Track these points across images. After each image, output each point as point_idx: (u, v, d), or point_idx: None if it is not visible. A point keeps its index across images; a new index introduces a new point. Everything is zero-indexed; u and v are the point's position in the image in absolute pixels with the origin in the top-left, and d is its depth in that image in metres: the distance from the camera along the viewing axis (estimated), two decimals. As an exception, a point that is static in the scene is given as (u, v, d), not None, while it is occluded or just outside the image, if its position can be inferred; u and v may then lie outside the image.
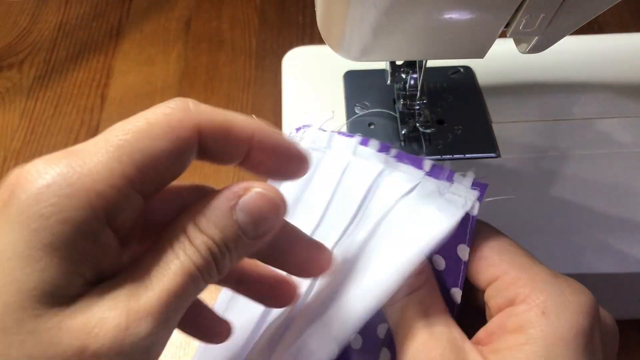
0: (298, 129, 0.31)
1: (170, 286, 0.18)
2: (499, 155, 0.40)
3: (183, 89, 0.55)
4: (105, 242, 0.18)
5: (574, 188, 0.38)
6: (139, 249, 0.21)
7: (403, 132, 0.41)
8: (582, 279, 0.35)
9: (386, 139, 0.41)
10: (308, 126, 0.31)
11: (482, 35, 0.28)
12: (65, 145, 0.51)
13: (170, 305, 0.18)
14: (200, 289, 0.20)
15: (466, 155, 0.40)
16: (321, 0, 0.28)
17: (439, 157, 0.40)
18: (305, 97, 0.45)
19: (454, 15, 0.26)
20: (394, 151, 0.29)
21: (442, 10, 0.25)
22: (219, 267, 0.20)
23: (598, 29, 0.58)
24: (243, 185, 0.20)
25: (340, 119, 0.43)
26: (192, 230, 0.19)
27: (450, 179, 0.27)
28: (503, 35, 0.28)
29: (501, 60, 0.44)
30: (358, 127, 0.42)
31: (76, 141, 0.52)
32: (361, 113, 0.43)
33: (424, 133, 0.41)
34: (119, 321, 0.17)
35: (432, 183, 0.27)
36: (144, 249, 0.20)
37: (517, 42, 0.30)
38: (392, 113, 0.42)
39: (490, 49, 0.29)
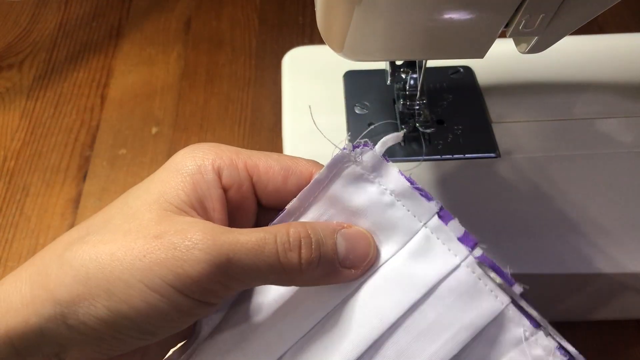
0: (356, 147, 0.25)
1: (244, 239, 0.22)
2: (498, 155, 0.40)
3: (183, 89, 0.55)
4: (214, 192, 0.24)
5: (573, 188, 0.38)
6: None
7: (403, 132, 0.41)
8: (582, 279, 0.35)
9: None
10: (368, 146, 0.25)
11: (482, 35, 0.28)
12: (65, 145, 0.51)
13: (234, 253, 0.21)
14: (266, 266, 0.22)
15: (466, 155, 0.40)
16: (321, 1, 0.28)
17: (438, 157, 0.40)
18: (305, 97, 0.45)
19: (454, 15, 0.26)
20: (479, 250, 0.24)
21: (442, 10, 0.25)
22: (301, 261, 0.23)
23: (598, 29, 0.58)
24: (350, 223, 0.25)
25: (340, 119, 0.43)
26: (296, 224, 0.23)
27: (536, 324, 0.24)
28: (503, 35, 0.28)
29: (501, 60, 0.44)
30: (358, 126, 0.42)
31: (76, 141, 0.52)
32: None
33: (423, 133, 0.41)
34: (198, 231, 0.22)
35: (516, 317, 0.24)
36: None
37: (517, 42, 0.30)
38: (393, 121, 0.42)
39: (490, 49, 0.29)
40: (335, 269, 0.24)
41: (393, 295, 0.24)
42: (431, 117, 0.42)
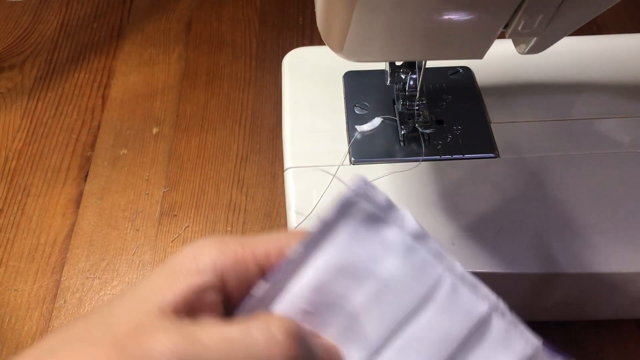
0: (367, 184, 0.23)
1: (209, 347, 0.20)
2: (497, 156, 0.40)
3: (184, 90, 0.55)
4: (209, 297, 0.22)
5: (573, 188, 0.38)
6: None
7: (402, 132, 0.41)
8: (580, 278, 0.35)
9: (386, 139, 0.41)
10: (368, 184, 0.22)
11: (481, 36, 0.28)
12: (67, 146, 0.52)
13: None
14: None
15: (465, 156, 0.40)
16: (321, 2, 0.28)
17: (438, 157, 0.40)
18: (305, 97, 0.45)
19: (453, 16, 0.26)
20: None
21: (441, 11, 0.26)
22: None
23: (597, 30, 0.58)
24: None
25: (340, 119, 0.43)
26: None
27: None
28: (502, 36, 0.28)
29: (500, 60, 0.45)
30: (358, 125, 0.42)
31: (77, 141, 0.52)
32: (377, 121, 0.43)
33: (423, 133, 0.41)
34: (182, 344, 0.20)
35: (545, 358, 0.23)
36: None
37: (516, 43, 0.31)
38: (393, 117, 0.42)
39: (489, 49, 0.29)
40: None
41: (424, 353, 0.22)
42: (430, 117, 0.42)
